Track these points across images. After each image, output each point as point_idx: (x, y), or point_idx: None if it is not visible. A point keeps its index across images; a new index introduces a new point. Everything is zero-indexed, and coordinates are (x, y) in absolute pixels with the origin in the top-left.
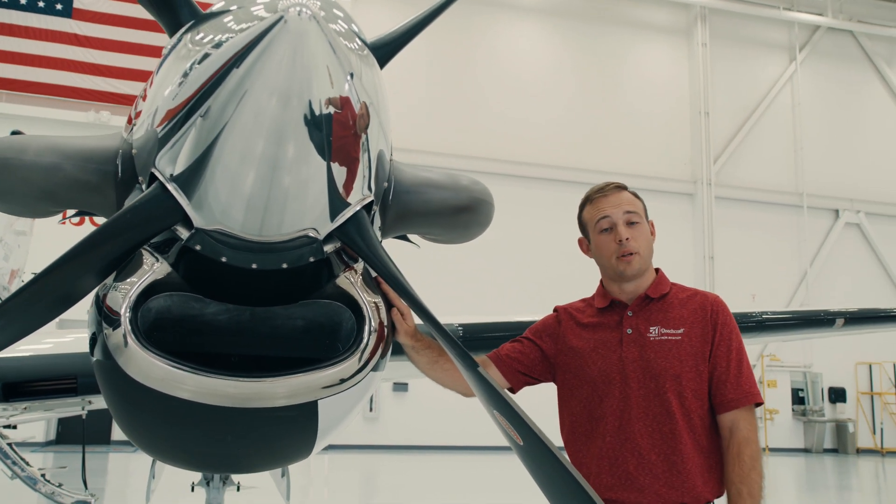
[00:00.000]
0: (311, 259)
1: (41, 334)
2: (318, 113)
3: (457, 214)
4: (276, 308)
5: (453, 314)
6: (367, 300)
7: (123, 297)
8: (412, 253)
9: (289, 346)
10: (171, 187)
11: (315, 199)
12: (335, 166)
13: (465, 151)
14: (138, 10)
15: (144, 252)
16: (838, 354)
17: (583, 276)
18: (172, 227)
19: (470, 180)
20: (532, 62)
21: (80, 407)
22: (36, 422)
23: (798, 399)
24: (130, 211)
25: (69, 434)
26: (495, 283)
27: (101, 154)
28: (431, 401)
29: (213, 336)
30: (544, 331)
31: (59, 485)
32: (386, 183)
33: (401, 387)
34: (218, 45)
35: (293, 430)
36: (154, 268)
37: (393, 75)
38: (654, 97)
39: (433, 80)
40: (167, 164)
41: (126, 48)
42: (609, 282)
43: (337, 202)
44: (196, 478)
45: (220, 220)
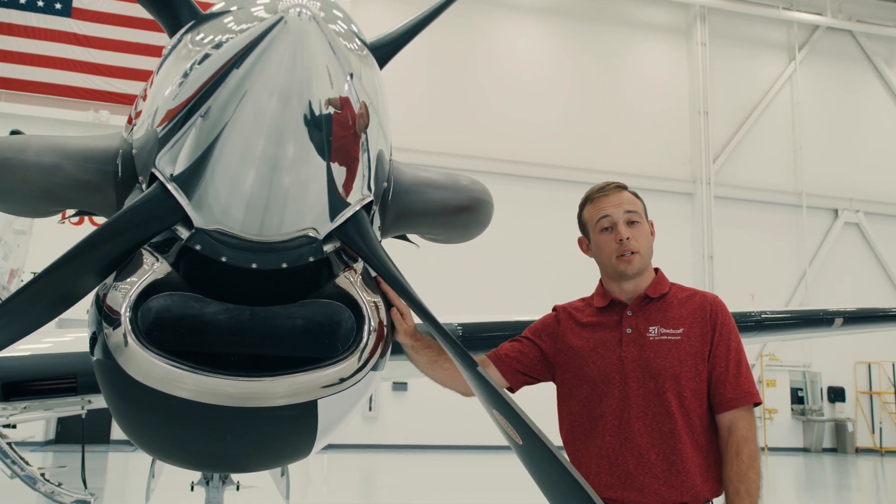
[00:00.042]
0: (311, 259)
1: (40, 334)
2: (317, 113)
3: (456, 214)
4: (276, 307)
5: (453, 314)
6: (366, 300)
7: (123, 297)
8: (412, 252)
9: (288, 345)
10: (171, 187)
11: (315, 198)
12: (335, 166)
13: (464, 151)
14: (138, 10)
15: (144, 252)
16: (837, 354)
17: (582, 275)
18: (172, 227)
19: (469, 180)
20: (531, 62)
21: (79, 406)
22: (35, 421)
23: (797, 398)
24: (131, 211)
25: (68, 433)
26: (495, 282)
27: (101, 154)
28: (431, 400)
29: (212, 335)
30: (543, 330)
31: (58, 484)
32: (385, 183)
33: (400, 386)
34: (218, 45)
35: (293, 430)
36: (154, 267)
37: (393, 75)
38: (654, 97)
39: (433, 79)
40: (167, 163)
41: (125, 48)
42: (608, 281)
43: (337, 202)
44: (196, 477)
45: (220, 219)
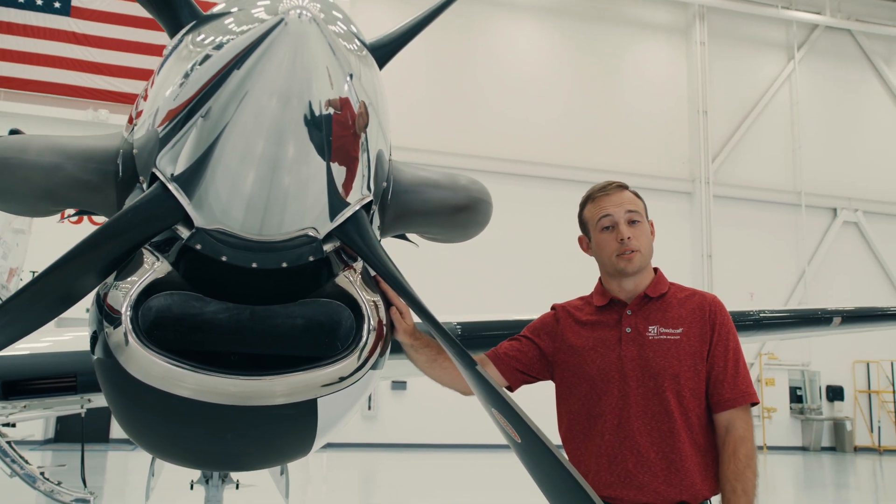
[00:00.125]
0: (311, 258)
1: (40, 333)
2: (317, 113)
3: (455, 214)
4: (276, 307)
5: (452, 313)
6: (366, 299)
7: (124, 296)
8: (411, 252)
9: (288, 344)
10: (171, 187)
11: (315, 198)
12: (335, 166)
13: (464, 150)
14: (137, 9)
15: (145, 251)
16: (836, 353)
17: (581, 274)
18: (173, 227)
19: (468, 180)
20: (531, 61)
21: (79, 405)
22: (35, 420)
23: (796, 397)
24: (131, 210)
25: (68, 432)
26: (494, 281)
27: (101, 154)
28: (430, 399)
29: (213, 334)
30: (542, 329)
31: (58, 483)
32: (385, 182)
33: (399, 385)
34: (219, 46)
35: (293, 428)
36: (154, 267)
37: (393, 75)
38: (653, 96)
39: (433, 79)
40: (168, 163)
41: (124, 46)
42: (608, 280)
43: (336, 202)
44: (195, 476)
45: (220, 219)
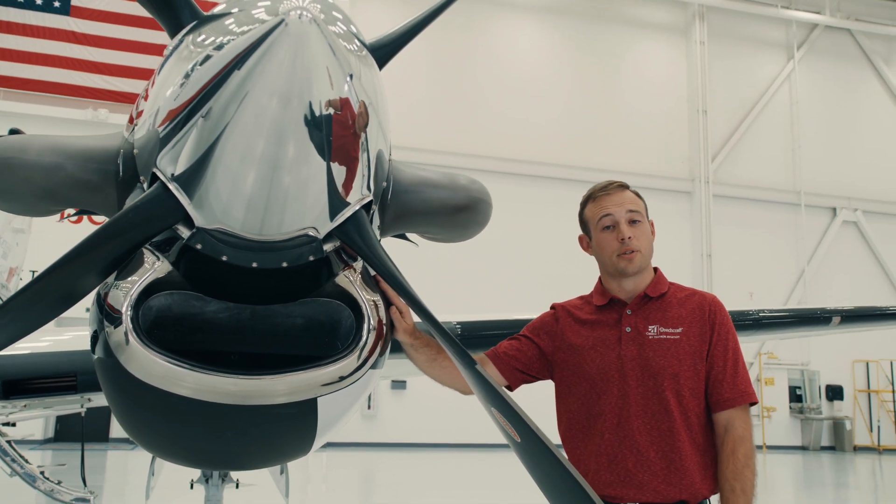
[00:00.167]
0: (311, 258)
1: (40, 332)
2: (317, 113)
3: (455, 213)
4: (276, 306)
5: (452, 312)
6: (366, 298)
7: (125, 296)
8: (411, 251)
9: (288, 343)
10: (172, 187)
11: (315, 198)
12: (335, 166)
13: (464, 150)
14: (136, 8)
15: (145, 251)
16: (836, 352)
17: (581, 273)
18: (173, 227)
19: (468, 179)
20: (531, 61)
21: (79, 404)
22: (35, 419)
23: (795, 397)
24: (132, 210)
25: (67, 431)
26: (494, 281)
27: (102, 154)
28: (429, 398)
29: (213, 334)
30: (542, 328)
31: (58, 482)
32: (385, 182)
33: (399, 384)
34: (220, 47)
35: (293, 427)
36: (155, 266)
37: (393, 75)
38: (653, 95)
39: (433, 79)
40: (168, 163)
41: (124, 46)
42: (608, 279)
43: (336, 202)
44: (195, 475)
45: (220, 219)
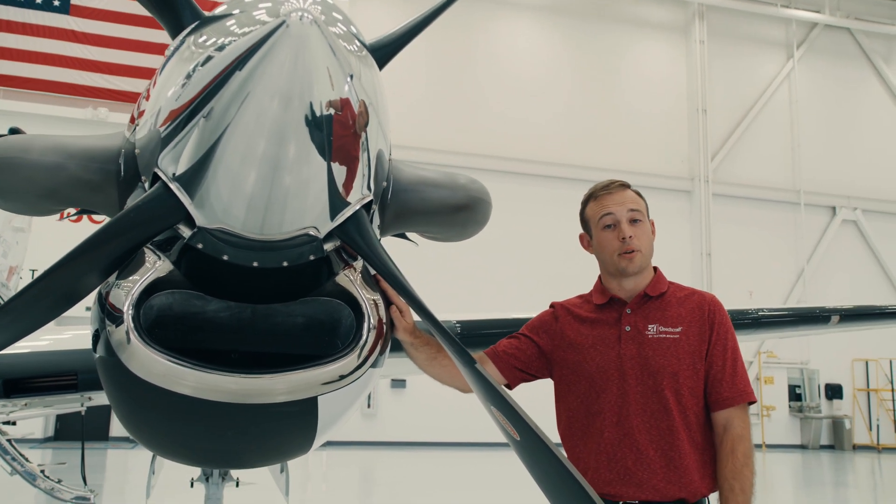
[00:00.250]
0: (312, 257)
1: (40, 331)
2: (318, 114)
3: (455, 213)
4: (277, 305)
5: (451, 311)
6: (366, 297)
7: (126, 295)
8: (411, 251)
9: (289, 342)
10: (173, 187)
11: (315, 198)
12: (335, 166)
13: (464, 149)
14: (136, 7)
15: (147, 250)
16: (835, 351)
17: (581, 272)
18: (175, 226)
19: (468, 179)
20: (531, 60)
21: (79, 403)
22: (35, 418)
23: (795, 396)
24: (133, 210)
25: (68, 430)
26: (493, 280)
27: (104, 153)
28: (429, 397)
29: (214, 333)
30: (541, 327)
31: (58, 481)
32: (385, 182)
33: (399, 383)
34: (221, 47)
35: (293, 426)
36: (156, 266)
37: (393, 74)
38: (652, 94)
39: (433, 78)
40: (170, 163)
41: (124, 45)
42: (608, 278)
43: (337, 201)
44: (195, 474)
45: (221, 218)
